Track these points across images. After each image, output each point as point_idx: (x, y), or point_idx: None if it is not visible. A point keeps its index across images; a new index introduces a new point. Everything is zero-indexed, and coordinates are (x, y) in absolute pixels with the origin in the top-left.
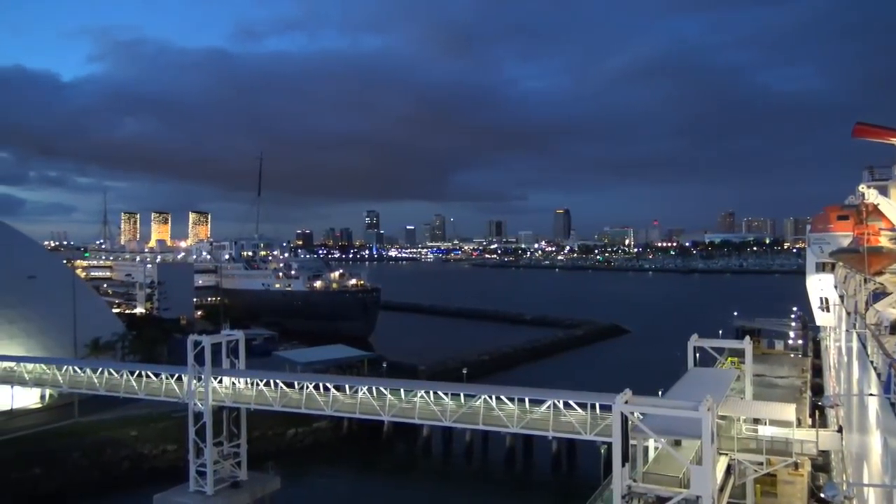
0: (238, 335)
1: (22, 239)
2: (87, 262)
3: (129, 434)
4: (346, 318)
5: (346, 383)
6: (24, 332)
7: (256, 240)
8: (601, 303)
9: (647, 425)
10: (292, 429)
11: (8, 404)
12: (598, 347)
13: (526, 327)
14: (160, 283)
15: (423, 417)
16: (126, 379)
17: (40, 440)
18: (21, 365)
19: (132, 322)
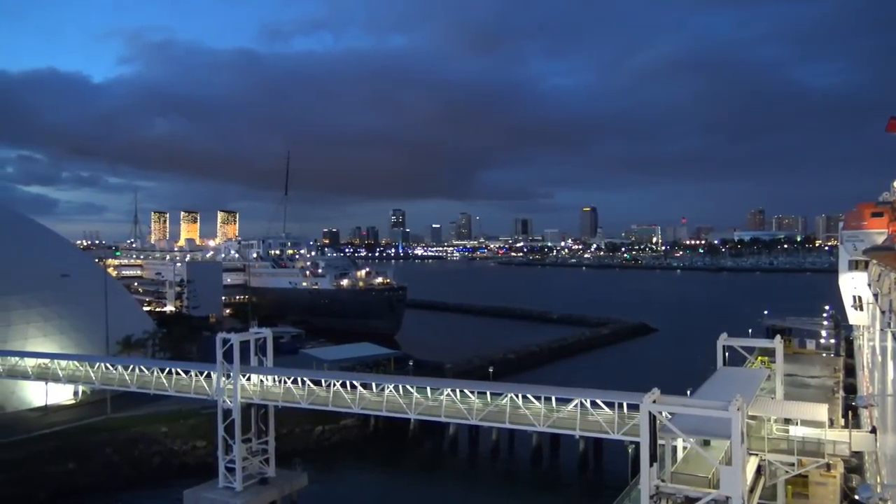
0: (266, 333)
1: (55, 238)
2: (119, 261)
3: (160, 430)
4: (373, 316)
5: (373, 381)
6: (58, 330)
7: (284, 238)
8: (628, 301)
9: (675, 425)
10: (319, 426)
11: (43, 400)
12: (625, 346)
13: (552, 326)
14: (189, 281)
15: (449, 416)
16: (156, 376)
17: (74, 436)
18: (55, 362)
19: (162, 320)
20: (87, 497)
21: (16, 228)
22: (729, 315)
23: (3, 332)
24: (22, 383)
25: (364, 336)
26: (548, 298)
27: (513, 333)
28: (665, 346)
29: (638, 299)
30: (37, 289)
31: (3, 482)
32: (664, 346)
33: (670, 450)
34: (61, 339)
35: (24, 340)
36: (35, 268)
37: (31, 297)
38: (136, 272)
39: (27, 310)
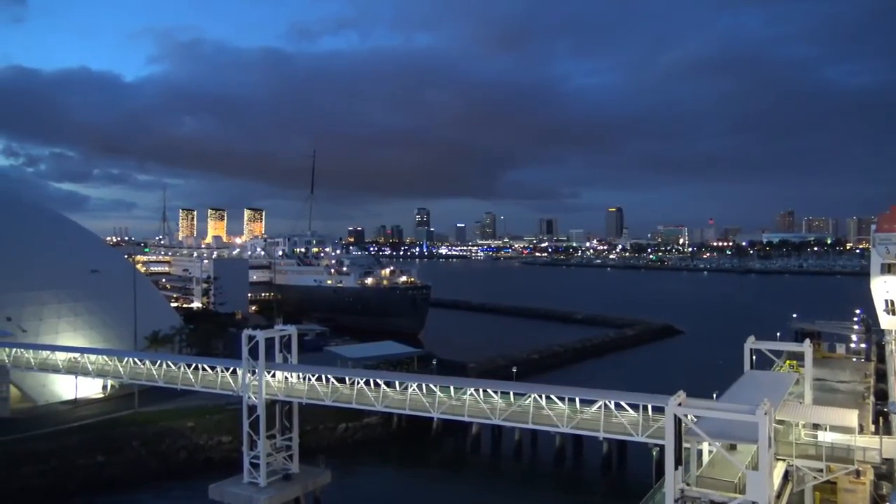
0: (291, 330)
1: (86, 234)
2: (147, 257)
3: (186, 425)
4: (397, 314)
5: (396, 379)
6: (88, 325)
7: (309, 236)
8: (654, 303)
9: (701, 428)
10: (343, 423)
11: (73, 394)
12: (651, 348)
13: (577, 326)
14: (216, 278)
15: (472, 415)
16: (183, 371)
17: (103, 429)
18: (85, 356)
19: (189, 316)
20: (115, 489)
21: (48, 225)
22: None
23: (35, 327)
24: (53, 377)
25: (388, 334)
26: (572, 299)
27: (537, 334)
28: (691, 348)
29: (664, 300)
30: (68, 284)
31: (35, 473)
32: (690, 349)
33: (696, 453)
34: (91, 334)
35: (56, 335)
36: (66, 264)
37: (63, 293)
38: (164, 268)
39: (59, 305)
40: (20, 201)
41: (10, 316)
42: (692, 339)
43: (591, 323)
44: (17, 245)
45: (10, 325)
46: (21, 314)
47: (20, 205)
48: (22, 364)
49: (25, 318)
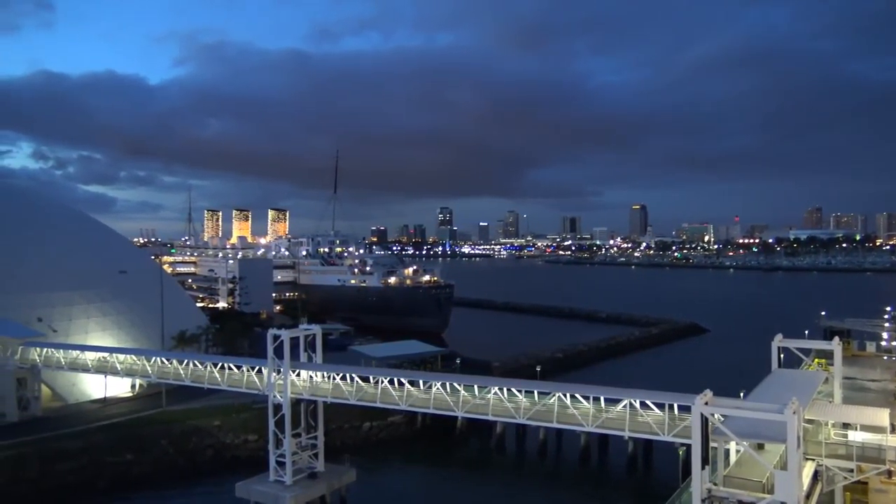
0: (315, 329)
1: (114, 236)
2: (173, 258)
3: (213, 424)
4: (420, 313)
5: (421, 378)
6: (116, 325)
7: (332, 236)
8: (679, 301)
9: (728, 427)
10: (367, 422)
11: (102, 393)
12: (676, 347)
13: (601, 325)
14: (241, 278)
15: (496, 414)
16: (210, 370)
17: (131, 427)
18: (114, 355)
19: (215, 316)
20: (144, 487)
21: (77, 226)
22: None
23: (65, 327)
24: (82, 376)
25: (411, 333)
26: (596, 297)
27: (561, 332)
28: (717, 346)
29: (689, 299)
30: (97, 285)
31: (67, 471)
32: (716, 347)
33: (723, 453)
34: (119, 334)
35: (85, 335)
36: (95, 265)
37: (92, 293)
38: (190, 269)
39: (88, 305)
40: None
41: (41, 316)
42: (718, 337)
43: (615, 322)
44: (47, 246)
45: (40, 326)
46: (51, 314)
47: (50, 207)
48: (53, 364)
49: (56, 318)
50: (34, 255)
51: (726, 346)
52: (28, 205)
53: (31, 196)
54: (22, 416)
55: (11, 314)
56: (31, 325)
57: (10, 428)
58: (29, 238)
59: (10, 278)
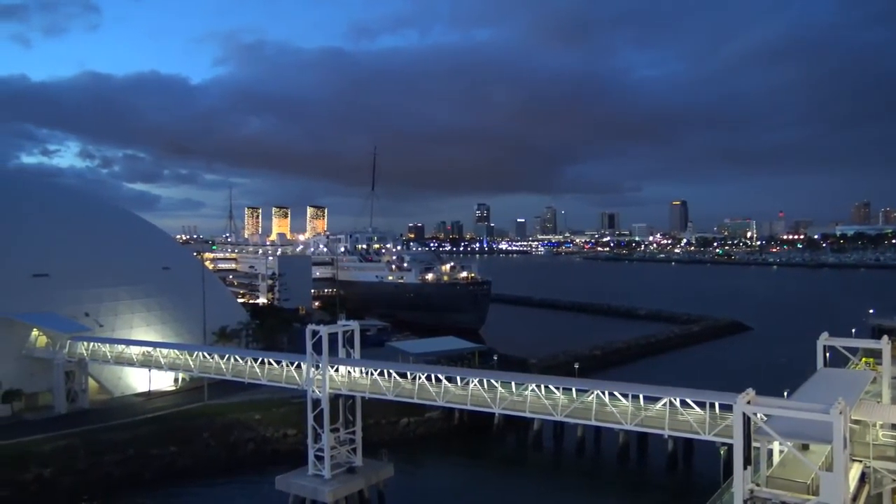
0: (353, 325)
1: (158, 233)
2: (215, 255)
3: (253, 417)
4: (457, 310)
5: (458, 375)
6: (160, 320)
7: (370, 233)
8: (720, 298)
9: (771, 427)
10: (405, 418)
11: (146, 386)
12: (717, 345)
13: (640, 322)
14: (280, 274)
15: (533, 411)
16: (250, 365)
17: (174, 420)
18: (157, 350)
19: (255, 311)
20: (188, 479)
21: (122, 224)
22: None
23: (111, 322)
24: (128, 370)
25: (448, 330)
26: (635, 294)
27: (599, 330)
28: (760, 345)
29: (731, 296)
30: (141, 281)
31: (114, 462)
32: (759, 346)
33: (766, 453)
34: (163, 329)
35: (130, 329)
36: (140, 261)
37: (136, 289)
38: (230, 265)
39: (132, 301)
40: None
41: (87, 311)
42: (761, 335)
43: (654, 319)
44: (93, 243)
45: (87, 320)
46: (98, 309)
47: (96, 205)
48: (99, 357)
49: (102, 313)
50: (81, 251)
51: (770, 345)
52: (76, 203)
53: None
54: (70, 408)
55: (60, 309)
56: (79, 319)
57: (58, 420)
58: (77, 235)
59: (58, 274)
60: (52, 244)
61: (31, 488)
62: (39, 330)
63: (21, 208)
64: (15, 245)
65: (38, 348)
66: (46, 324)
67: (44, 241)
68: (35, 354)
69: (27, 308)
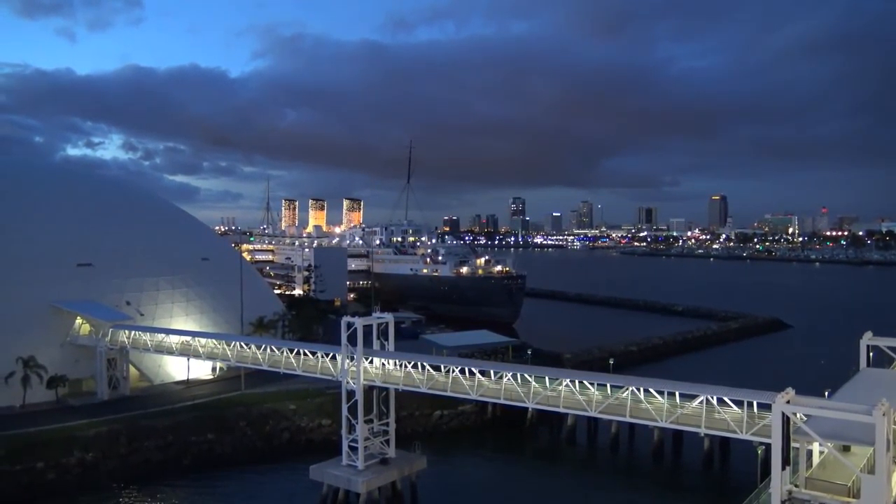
0: (388, 318)
1: (197, 224)
2: (252, 246)
3: (289, 407)
4: (492, 303)
5: (491, 368)
6: (199, 310)
7: (405, 226)
8: (760, 295)
9: (811, 427)
10: (438, 411)
11: (185, 375)
12: (756, 343)
13: (677, 318)
14: (316, 266)
15: (567, 406)
16: (286, 356)
17: (212, 408)
18: (196, 339)
19: (291, 302)
20: (225, 466)
21: (164, 215)
22: (874, 312)
23: (151, 311)
24: (167, 358)
25: (482, 323)
26: (672, 290)
27: (635, 325)
28: (801, 343)
29: (771, 293)
30: (181, 271)
31: (154, 447)
32: (800, 344)
33: (805, 454)
34: (201, 319)
35: (170, 318)
36: (179, 252)
37: (177, 279)
38: (267, 257)
39: (173, 290)
40: (138, 193)
41: (129, 300)
42: (802, 333)
43: (692, 315)
44: (135, 234)
45: (128, 309)
46: (139, 299)
47: (138, 196)
48: (140, 346)
49: (143, 302)
50: (124, 242)
51: (810, 344)
52: (118, 194)
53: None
54: (112, 394)
55: (102, 298)
56: (121, 308)
57: (101, 406)
58: (119, 226)
59: (102, 264)
60: (96, 235)
61: (74, 471)
62: (83, 318)
63: (66, 200)
64: (61, 235)
65: (82, 336)
66: (90, 312)
67: (88, 231)
68: (78, 342)
69: (72, 296)
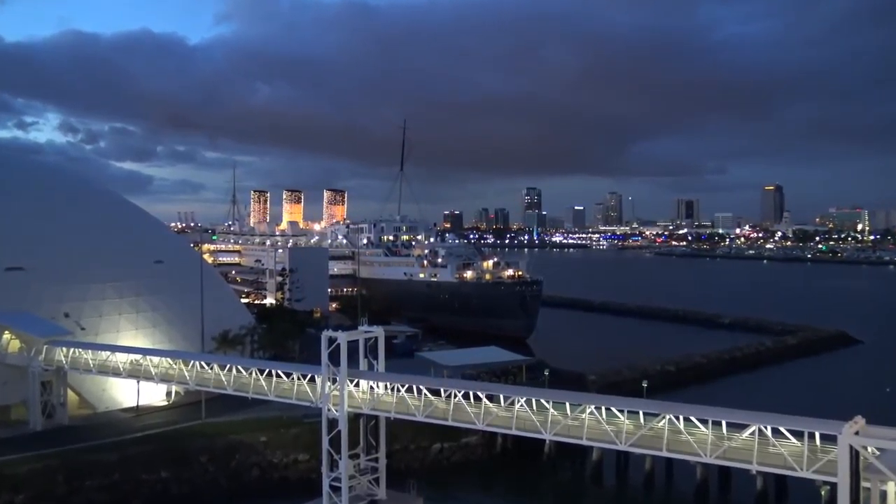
0: (377, 332)
1: (149, 220)
2: (215, 246)
3: (259, 439)
4: (502, 314)
5: (501, 393)
6: (151, 322)
7: (398, 222)
8: (823, 304)
9: (885, 463)
10: (437, 443)
11: (134, 400)
12: (818, 361)
13: (723, 332)
14: (292, 270)
15: (592, 438)
16: (255, 378)
17: (167, 441)
18: (147, 358)
19: (262, 314)
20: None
21: (109, 209)
22: None
23: (94, 324)
24: (113, 381)
25: (491, 338)
26: (718, 298)
27: (673, 340)
28: (872, 362)
29: (837, 302)
30: (130, 277)
31: (96, 488)
32: (871, 363)
33: (877, 494)
34: (154, 333)
35: (116, 333)
36: (129, 253)
37: (124, 286)
38: (233, 259)
39: (120, 300)
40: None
41: (68, 311)
42: (874, 350)
43: (741, 328)
44: (76, 232)
45: (68, 322)
46: (80, 309)
47: (80, 187)
48: (80, 366)
49: (85, 314)
50: (62, 242)
51: (884, 363)
52: (55, 184)
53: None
54: (47, 424)
55: (36, 308)
56: (58, 321)
57: (34, 438)
58: (56, 223)
59: (35, 268)
60: (28, 233)
61: None
62: (12, 332)
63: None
64: None
65: (11, 354)
66: (20, 325)
67: (18, 229)
68: (7, 361)
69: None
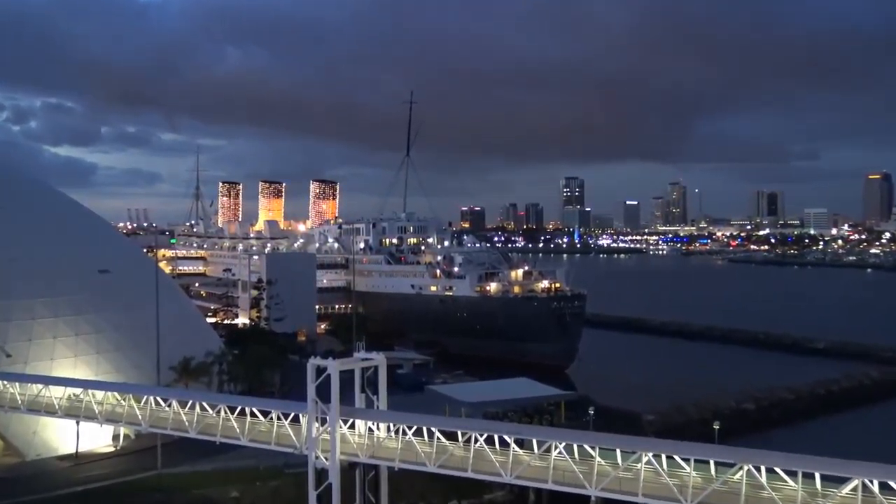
0: (378, 360)
1: (91, 219)
2: (174, 252)
3: (229, 495)
4: (535, 337)
5: (534, 437)
6: (93, 348)
7: (404, 221)
8: None
9: None
10: (454, 500)
11: (73, 446)
12: None
13: (816, 359)
14: (270, 282)
15: (649, 494)
16: (224, 417)
17: (115, 496)
18: (89, 393)
19: (233, 336)
20: None
21: (41, 206)
22: None
23: (23, 350)
24: (46, 422)
25: (521, 367)
26: (809, 317)
27: (751, 370)
28: None
29: None
30: (67, 291)
31: None
32: None
33: None
34: (97, 361)
35: (50, 361)
36: (66, 261)
37: (60, 303)
38: (197, 267)
39: (55, 319)
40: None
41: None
42: None
43: (838, 355)
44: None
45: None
46: (6, 332)
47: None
48: (5, 403)
49: (11, 337)
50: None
51: None
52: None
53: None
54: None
55: None
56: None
57: None
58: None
59: None
60: None
61: None
62: None
63: None
64: None
65: None
66: None
67: None
68: None
69: None
